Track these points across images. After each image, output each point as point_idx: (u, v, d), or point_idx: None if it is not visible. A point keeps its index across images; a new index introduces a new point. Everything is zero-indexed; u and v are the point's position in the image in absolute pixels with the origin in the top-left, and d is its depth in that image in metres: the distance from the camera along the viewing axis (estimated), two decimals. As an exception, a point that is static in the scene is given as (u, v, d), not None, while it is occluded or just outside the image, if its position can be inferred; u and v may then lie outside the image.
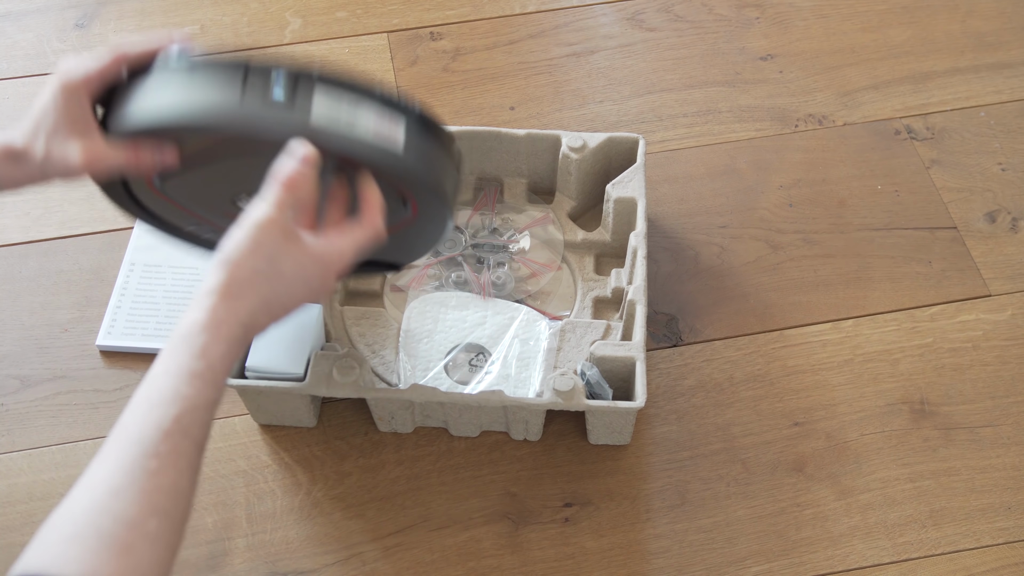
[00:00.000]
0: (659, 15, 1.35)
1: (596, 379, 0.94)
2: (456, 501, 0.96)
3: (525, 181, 1.13)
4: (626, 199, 1.04)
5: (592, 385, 0.94)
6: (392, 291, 1.07)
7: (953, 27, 1.33)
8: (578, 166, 1.07)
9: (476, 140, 1.09)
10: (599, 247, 1.09)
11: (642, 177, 1.05)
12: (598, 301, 1.06)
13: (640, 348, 0.94)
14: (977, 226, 1.14)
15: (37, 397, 1.02)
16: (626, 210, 1.04)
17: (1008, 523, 0.94)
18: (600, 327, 1.01)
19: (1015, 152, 1.21)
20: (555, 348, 1.00)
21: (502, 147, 1.10)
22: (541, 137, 1.09)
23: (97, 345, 1.05)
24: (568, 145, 1.07)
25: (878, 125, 1.23)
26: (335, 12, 1.36)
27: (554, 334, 1.01)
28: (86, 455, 0.98)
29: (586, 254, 1.09)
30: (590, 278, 1.07)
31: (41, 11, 1.36)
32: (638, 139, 1.08)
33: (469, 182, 1.13)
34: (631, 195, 1.04)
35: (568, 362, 0.99)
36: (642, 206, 1.03)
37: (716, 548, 0.93)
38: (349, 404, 1.00)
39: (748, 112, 1.25)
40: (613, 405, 0.92)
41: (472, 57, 1.31)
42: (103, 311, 1.07)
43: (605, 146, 1.08)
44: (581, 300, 1.06)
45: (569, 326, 1.01)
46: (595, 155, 1.08)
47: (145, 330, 1.06)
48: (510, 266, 1.08)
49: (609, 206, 1.06)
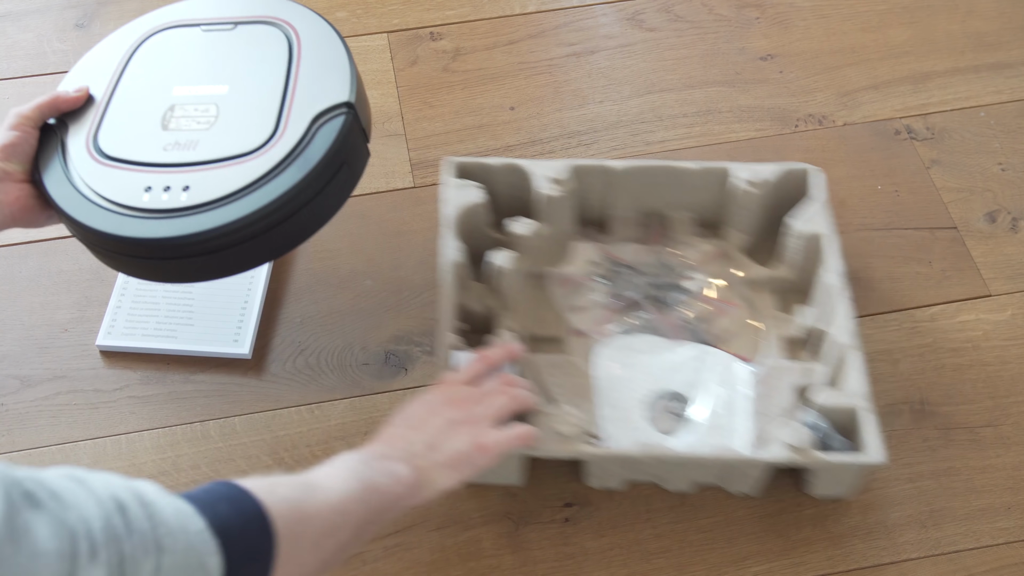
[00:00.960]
0: (659, 15, 1.35)
1: (828, 431, 0.89)
2: (456, 501, 0.96)
3: (690, 215, 1.08)
4: (811, 234, 0.99)
5: (825, 437, 0.89)
6: (574, 336, 1.02)
7: (953, 27, 1.33)
8: (753, 200, 1.03)
9: (645, 175, 1.05)
10: (778, 283, 1.04)
11: (826, 211, 1.01)
12: (787, 341, 1.01)
13: (864, 396, 0.90)
14: (977, 226, 1.14)
15: (37, 397, 1.02)
16: (810, 245, 1.00)
17: (1008, 523, 0.94)
18: (799, 370, 0.96)
19: (1015, 152, 1.21)
20: (757, 394, 0.95)
21: (670, 181, 1.05)
22: (712, 170, 1.04)
23: (97, 345, 1.05)
24: (744, 178, 1.02)
25: (878, 125, 1.23)
26: (335, 12, 1.36)
27: (752, 379, 0.96)
28: (86, 455, 0.98)
29: (764, 290, 1.04)
30: (773, 316, 1.03)
31: (41, 11, 1.36)
32: (815, 170, 1.04)
33: (630, 216, 1.08)
34: (818, 230, 0.99)
35: (772, 408, 0.94)
36: (832, 242, 0.98)
37: (716, 548, 0.93)
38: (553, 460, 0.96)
39: (748, 112, 1.25)
40: (853, 460, 0.87)
41: (472, 57, 1.31)
42: (103, 311, 1.07)
43: (781, 178, 1.03)
44: (770, 340, 1.01)
45: (767, 369, 0.97)
46: (770, 188, 1.03)
47: (145, 330, 1.06)
48: (692, 305, 1.03)
49: (791, 241, 1.01)
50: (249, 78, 0.94)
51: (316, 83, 0.92)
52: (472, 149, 1.21)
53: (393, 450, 0.82)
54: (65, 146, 0.91)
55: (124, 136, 0.91)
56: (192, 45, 0.98)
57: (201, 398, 1.02)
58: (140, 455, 0.99)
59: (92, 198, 0.87)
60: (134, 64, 0.97)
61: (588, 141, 1.22)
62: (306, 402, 1.02)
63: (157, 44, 0.98)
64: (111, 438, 1.00)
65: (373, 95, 1.27)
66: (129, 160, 0.89)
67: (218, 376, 1.03)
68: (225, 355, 1.04)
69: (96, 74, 0.96)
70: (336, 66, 0.93)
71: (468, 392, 0.88)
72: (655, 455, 0.89)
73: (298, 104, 0.90)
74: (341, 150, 0.89)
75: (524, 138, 1.23)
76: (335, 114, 0.89)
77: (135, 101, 0.94)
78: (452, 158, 1.05)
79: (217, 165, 0.87)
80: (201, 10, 1.00)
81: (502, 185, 1.05)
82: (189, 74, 0.95)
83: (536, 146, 1.22)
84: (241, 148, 0.88)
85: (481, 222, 1.04)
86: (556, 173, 1.03)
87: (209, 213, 0.85)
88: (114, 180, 0.88)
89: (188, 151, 0.88)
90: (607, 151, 1.21)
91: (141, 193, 0.86)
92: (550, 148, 1.21)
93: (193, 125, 0.90)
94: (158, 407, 1.02)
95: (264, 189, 0.85)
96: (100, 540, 0.55)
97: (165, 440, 0.99)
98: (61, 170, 0.90)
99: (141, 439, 1.00)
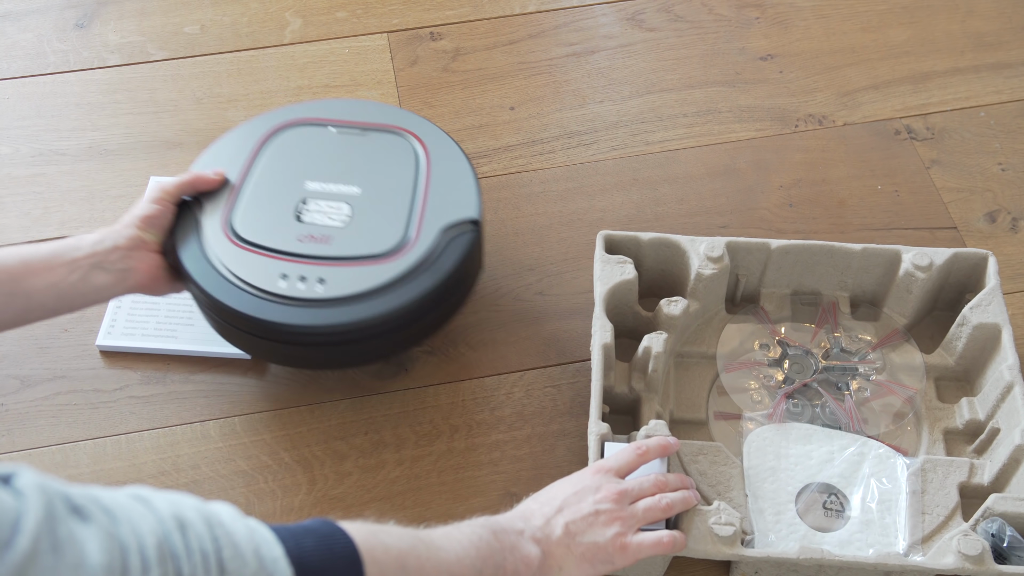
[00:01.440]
0: (659, 15, 1.35)
1: (1012, 539, 0.83)
2: (456, 501, 0.96)
3: (848, 296, 1.04)
4: (988, 325, 0.95)
5: (1007, 547, 0.83)
6: (723, 420, 0.97)
7: (953, 27, 1.33)
8: (920, 284, 0.99)
9: (803, 254, 1.00)
10: (939, 371, 0.99)
11: (1001, 300, 0.96)
12: (948, 433, 0.96)
13: None
14: (977, 226, 1.14)
15: (37, 397, 1.02)
16: (983, 335, 0.96)
17: None
18: (964, 466, 0.91)
19: (1015, 152, 1.21)
20: (918, 491, 0.90)
21: (831, 261, 1.01)
22: (877, 252, 1.00)
23: (97, 345, 1.05)
24: (914, 263, 0.98)
25: (878, 125, 1.23)
26: (335, 12, 1.36)
27: (914, 474, 0.91)
28: (86, 455, 0.98)
29: (925, 378, 0.99)
30: (934, 406, 0.98)
31: (41, 11, 1.36)
32: (987, 255, 0.99)
33: (785, 296, 1.04)
34: (994, 321, 0.95)
35: (935, 507, 0.89)
36: (1008, 333, 0.94)
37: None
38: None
39: (748, 112, 1.25)
40: None
41: (472, 57, 1.31)
42: (103, 311, 1.07)
43: (948, 262, 0.99)
44: (929, 432, 0.96)
45: (929, 464, 0.91)
46: (938, 272, 0.99)
47: (145, 330, 1.06)
48: (865, 389, 0.98)
49: (963, 330, 0.97)
50: (380, 182, 1.00)
51: (445, 196, 0.98)
52: (472, 149, 1.21)
53: (529, 527, 0.80)
54: (200, 225, 0.96)
55: (259, 222, 0.96)
56: (324, 143, 1.03)
57: (201, 398, 1.02)
58: (140, 455, 0.99)
59: (229, 277, 0.93)
60: (267, 154, 1.02)
61: (588, 141, 1.22)
62: (306, 402, 1.02)
63: (289, 137, 1.04)
64: (111, 438, 1.00)
65: (373, 95, 1.27)
66: (265, 246, 0.95)
67: (218, 376, 1.03)
68: (225, 355, 1.04)
69: (229, 159, 1.01)
70: (463, 181, 1.00)
71: (623, 486, 0.83)
72: (816, 559, 0.83)
73: (429, 214, 0.97)
74: (467, 263, 0.96)
75: (524, 138, 1.23)
76: (464, 229, 0.96)
77: (269, 190, 0.99)
78: (604, 232, 1.02)
79: (352, 262, 0.93)
80: (331, 111, 1.06)
81: (651, 260, 1.02)
82: (322, 171, 1.00)
83: (536, 146, 1.22)
84: (375, 249, 0.94)
85: (630, 299, 1.00)
86: (712, 250, 0.98)
87: (345, 307, 0.91)
88: (251, 264, 0.94)
89: (322, 245, 0.94)
90: (607, 151, 1.21)
91: (278, 279, 0.92)
92: (550, 148, 1.21)
93: (326, 220, 0.96)
94: (158, 407, 1.02)
95: (398, 291, 0.92)
96: (153, 556, 0.54)
97: (165, 440, 0.99)
98: (198, 247, 0.95)
99: (141, 439, 1.00)
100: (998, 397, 0.93)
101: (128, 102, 1.27)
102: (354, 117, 1.05)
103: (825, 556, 0.82)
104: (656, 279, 1.04)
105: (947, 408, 0.97)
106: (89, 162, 1.20)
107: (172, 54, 1.31)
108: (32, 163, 1.20)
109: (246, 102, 1.26)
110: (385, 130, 1.04)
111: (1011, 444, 0.88)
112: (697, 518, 0.84)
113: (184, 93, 1.27)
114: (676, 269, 1.02)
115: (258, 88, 1.28)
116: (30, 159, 1.21)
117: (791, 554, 0.83)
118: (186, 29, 1.34)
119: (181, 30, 1.34)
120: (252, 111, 1.25)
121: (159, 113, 1.25)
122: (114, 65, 1.30)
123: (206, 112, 1.25)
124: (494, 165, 1.20)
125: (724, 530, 0.83)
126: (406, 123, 1.05)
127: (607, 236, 1.01)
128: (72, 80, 1.29)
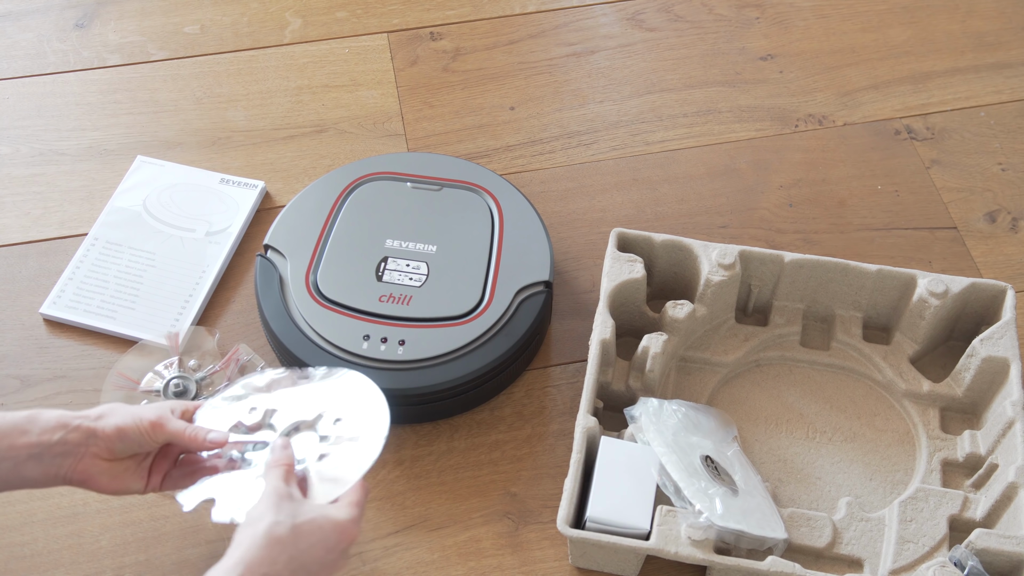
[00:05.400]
0: (659, 15, 1.35)
1: (973, 568, 0.83)
2: (456, 501, 0.96)
3: (861, 316, 1.02)
4: (997, 358, 0.94)
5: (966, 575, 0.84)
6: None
7: (953, 27, 1.33)
8: (934, 312, 0.97)
9: (817, 270, 1.00)
10: (945, 400, 0.98)
11: (1014, 335, 0.94)
12: (947, 464, 0.95)
13: None
14: (977, 226, 1.14)
15: (37, 397, 1.02)
16: (991, 369, 0.94)
17: None
18: (957, 499, 0.90)
19: (1015, 152, 1.21)
20: (908, 519, 0.90)
21: (845, 279, 1.00)
22: (893, 275, 0.99)
23: (40, 313, 1.06)
24: (928, 289, 0.96)
25: (878, 125, 1.23)
26: (335, 12, 1.36)
27: (903, 502, 0.90)
28: (86, 455, 0.98)
29: (930, 407, 0.98)
30: (936, 435, 0.96)
31: (41, 11, 1.36)
32: (1005, 288, 0.98)
33: (797, 311, 1.03)
34: (1003, 355, 0.93)
35: (921, 536, 0.89)
36: (1016, 369, 0.92)
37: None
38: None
39: (748, 112, 1.25)
40: None
41: (472, 57, 1.31)
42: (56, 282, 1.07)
43: (965, 292, 0.98)
44: (928, 460, 0.95)
45: (921, 494, 0.91)
46: (953, 300, 0.98)
47: (88, 307, 1.06)
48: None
49: (972, 361, 0.95)
50: (456, 240, 1.03)
51: (519, 256, 1.01)
52: (472, 149, 1.21)
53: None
54: (284, 281, 1.00)
55: (342, 281, 0.99)
56: (401, 199, 1.06)
57: (201, 398, 1.02)
58: (140, 455, 0.98)
59: (312, 338, 0.96)
60: (346, 209, 1.05)
61: (588, 141, 1.22)
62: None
63: (367, 193, 1.07)
64: (111, 438, 0.99)
65: (373, 95, 1.27)
66: (349, 306, 0.98)
67: (218, 376, 1.03)
68: (159, 346, 1.03)
69: (310, 214, 1.05)
70: (536, 242, 1.03)
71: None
72: (787, 572, 0.83)
73: (503, 275, 1.00)
74: (540, 325, 0.99)
75: (524, 138, 1.23)
76: (536, 291, 0.99)
77: (350, 247, 1.02)
78: (618, 229, 1.01)
79: (430, 324, 0.97)
80: (405, 165, 1.09)
81: (662, 261, 1.02)
82: (400, 228, 1.03)
83: (536, 146, 1.22)
84: (452, 311, 0.97)
85: (637, 298, 1.00)
86: (724, 257, 0.98)
87: (424, 371, 0.95)
88: (334, 324, 0.97)
89: (402, 306, 0.97)
90: (607, 151, 1.21)
91: (360, 341, 0.95)
92: (550, 148, 1.21)
93: (406, 280, 0.99)
94: (158, 407, 1.01)
95: (474, 355, 0.95)
96: None
97: (165, 440, 0.99)
98: (281, 304, 0.99)
99: (141, 439, 0.99)
100: (999, 432, 0.92)
101: (128, 102, 1.27)
102: (428, 171, 1.08)
103: (798, 572, 0.83)
104: (668, 281, 1.04)
105: (949, 439, 0.96)
106: (89, 162, 1.20)
107: (172, 54, 1.31)
108: (32, 163, 1.21)
109: (246, 102, 1.26)
110: (460, 186, 1.07)
111: (1005, 480, 0.88)
112: (673, 519, 0.86)
113: (184, 93, 1.27)
114: (687, 273, 1.02)
115: (258, 88, 1.28)
116: (30, 159, 1.21)
117: (761, 567, 0.83)
118: (186, 29, 1.34)
119: (181, 30, 1.34)
120: (252, 111, 1.25)
121: (159, 113, 1.25)
122: (114, 65, 1.30)
123: (206, 112, 1.25)
124: (494, 165, 1.20)
125: (697, 535, 0.85)
126: (480, 179, 1.07)
127: (620, 233, 1.01)
128: (72, 80, 1.29)
